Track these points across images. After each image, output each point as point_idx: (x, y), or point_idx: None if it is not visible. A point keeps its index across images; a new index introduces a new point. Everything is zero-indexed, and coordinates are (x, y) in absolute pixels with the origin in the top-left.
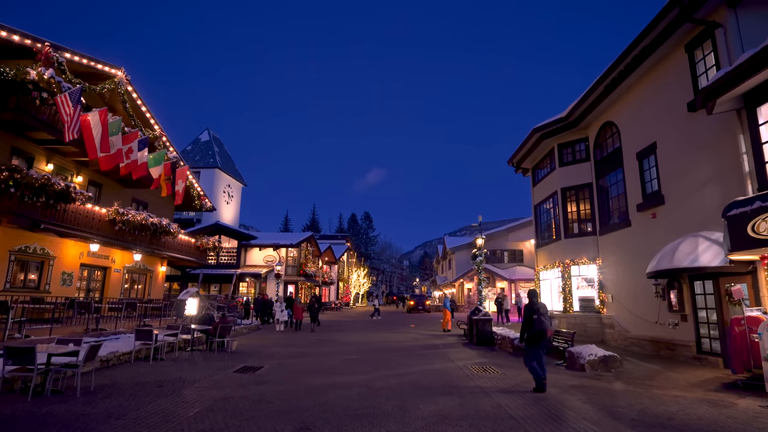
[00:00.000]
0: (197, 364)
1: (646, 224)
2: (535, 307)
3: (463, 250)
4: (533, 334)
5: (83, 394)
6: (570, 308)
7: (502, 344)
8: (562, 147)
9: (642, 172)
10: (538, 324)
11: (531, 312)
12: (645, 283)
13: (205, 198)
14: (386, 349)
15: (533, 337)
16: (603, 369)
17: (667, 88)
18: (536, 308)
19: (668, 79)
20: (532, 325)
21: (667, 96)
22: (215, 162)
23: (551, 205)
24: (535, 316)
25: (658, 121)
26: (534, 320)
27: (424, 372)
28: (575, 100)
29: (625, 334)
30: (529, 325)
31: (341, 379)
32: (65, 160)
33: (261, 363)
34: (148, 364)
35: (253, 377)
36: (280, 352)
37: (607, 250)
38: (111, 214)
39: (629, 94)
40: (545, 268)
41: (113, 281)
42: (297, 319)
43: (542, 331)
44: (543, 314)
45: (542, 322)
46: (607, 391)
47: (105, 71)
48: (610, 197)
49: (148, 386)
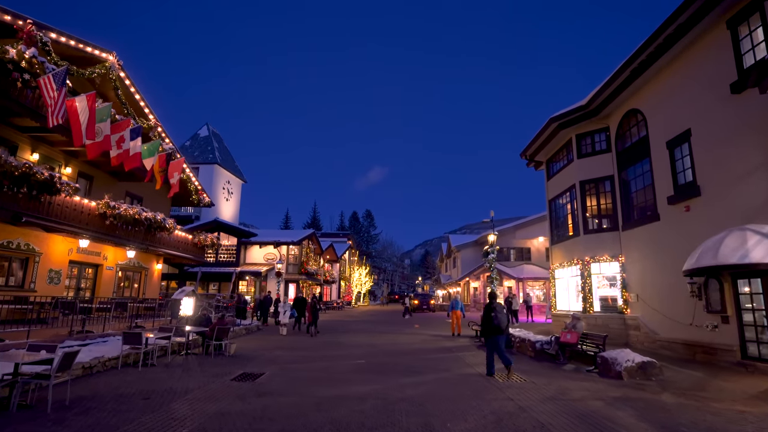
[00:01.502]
0: (191, 370)
1: (678, 218)
2: (492, 306)
3: (468, 248)
4: (491, 328)
5: (56, 409)
6: (590, 308)
7: (521, 347)
8: (580, 137)
9: (673, 161)
10: (495, 320)
11: (489, 311)
12: (677, 282)
13: (203, 193)
14: (396, 353)
15: (491, 330)
16: (642, 377)
17: (704, 70)
18: (494, 307)
19: (705, 60)
20: (491, 321)
21: (704, 78)
22: (214, 158)
23: (568, 200)
24: (492, 314)
25: (693, 106)
26: (492, 317)
27: (443, 380)
28: (596, 87)
29: (653, 336)
30: (488, 322)
31: (352, 389)
32: (53, 149)
33: (262, 369)
34: (136, 371)
35: (253, 387)
36: (282, 356)
37: (631, 247)
38: (101, 207)
39: (659, 78)
40: (561, 266)
41: (105, 280)
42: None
43: (499, 327)
44: (499, 312)
45: (499, 319)
46: (659, 404)
47: (95, 55)
48: (635, 190)
49: (133, 398)
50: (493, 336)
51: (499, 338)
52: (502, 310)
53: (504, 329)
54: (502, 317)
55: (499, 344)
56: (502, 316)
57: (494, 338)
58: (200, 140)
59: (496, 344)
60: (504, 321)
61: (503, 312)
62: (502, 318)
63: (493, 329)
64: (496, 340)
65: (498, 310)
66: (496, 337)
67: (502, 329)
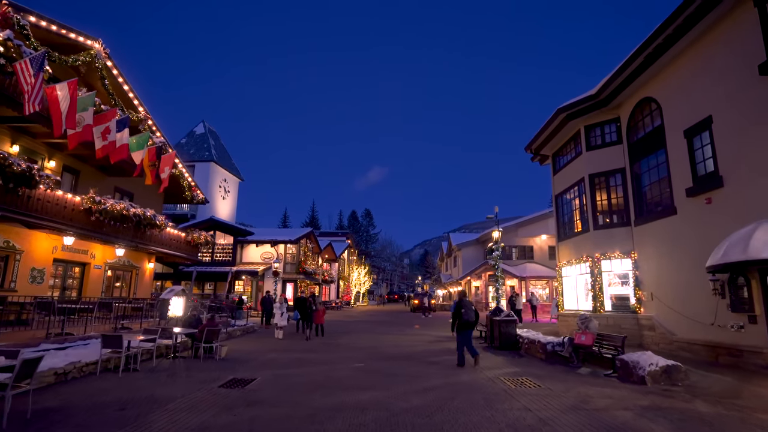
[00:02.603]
0: (177, 375)
1: (698, 211)
2: (462, 303)
3: (470, 247)
4: (462, 323)
5: (13, 424)
6: (601, 307)
7: (530, 349)
8: (589, 129)
9: (692, 151)
10: (465, 316)
11: (459, 308)
12: (696, 279)
13: (196, 189)
14: (398, 356)
15: (462, 325)
16: (667, 382)
17: (728, 52)
18: (463, 305)
19: (729, 41)
20: (461, 318)
21: (728, 60)
22: (211, 155)
23: (576, 194)
24: (462, 310)
25: (714, 92)
26: (462, 314)
27: (450, 386)
28: (607, 75)
29: (670, 337)
30: (458, 318)
31: (351, 398)
32: (34, 142)
33: (253, 374)
34: (116, 377)
35: (243, 395)
36: (276, 359)
37: (645, 242)
38: (86, 202)
39: (676, 63)
40: (569, 264)
41: (93, 279)
42: (318, 324)
43: (468, 322)
44: (468, 309)
45: (468, 315)
46: (696, 416)
47: (79, 42)
48: (648, 183)
49: (107, 410)
50: (463, 330)
51: (468, 332)
52: (470, 307)
53: (473, 324)
54: (471, 314)
55: (468, 337)
56: (471, 312)
57: (464, 332)
58: (196, 137)
59: (466, 337)
60: (472, 317)
61: (472, 309)
62: (471, 314)
63: (463, 324)
64: (466, 334)
65: (467, 307)
66: (466, 331)
67: (471, 324)
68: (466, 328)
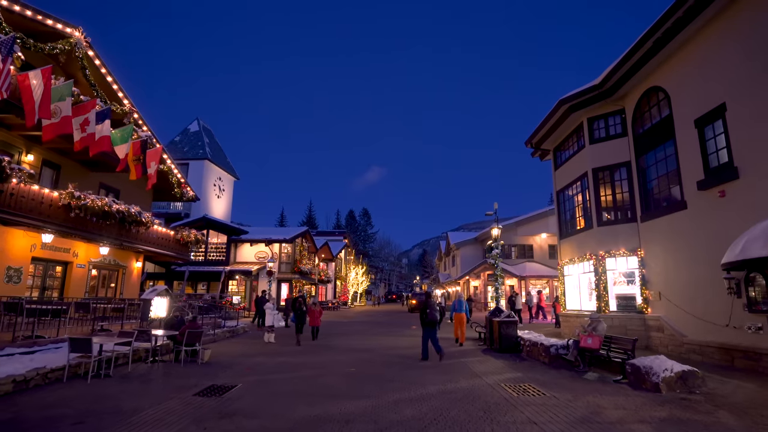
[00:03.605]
0: (152, 382)
1: (711, 205)
2: (428, 304)
3: (468, 246)
4: (427, 322)
5: None
6: (605, 307)
7: (532, 352)
8: (592, 121)
9: (703, 142)
10: (430, 315)
11: (425, 307)
12: (709, 276)
13: (186, 186)
14: (392, 360)
15: (427, 323)
16: (683, 389)
17: (744, 33)
18: (428, 305)
19: (745, 24)
20: (427, 316)
21: (744, 43)
22: (205, 153)
23: (579, 190)
24: (428, 310)
25: (728, 78)
26: (427, 313)
27: (447, 394)
28: (612, 64)
29: (680, 339)
30: (424, 315)
31: (337, 408)
32: (10, 134)
33: (235, 380)
34: (84, 384)
35: (218, 404)
36: (263, 363)
37: (652, 239)
38: (65, 197)
39: (685, 48)
40: (571, 262)
41: (76, 278)
42: (313, 326)
43: (433, 320)
44: (433, 309)
45: (433, 314)
46: (723, 430)
47: (58, 29)
48: (656, 177)
49: (61, 424)
50: (428, 327)
51: (433, 329)
52: (435, 307)
53: (437, 322)
54: (435, 313)
55: (433, 334)
56: (435, 312)
57: (429, 329)
58: (190, 135)
59: (432, 334)
60: (437, 316)
61: (436, 309)
62: (435, 314)
63: (429, 323)
64: (430, 330)
65: (431, 308)
66: (432, 328)
67: (435, 322)
68: (430, 326)
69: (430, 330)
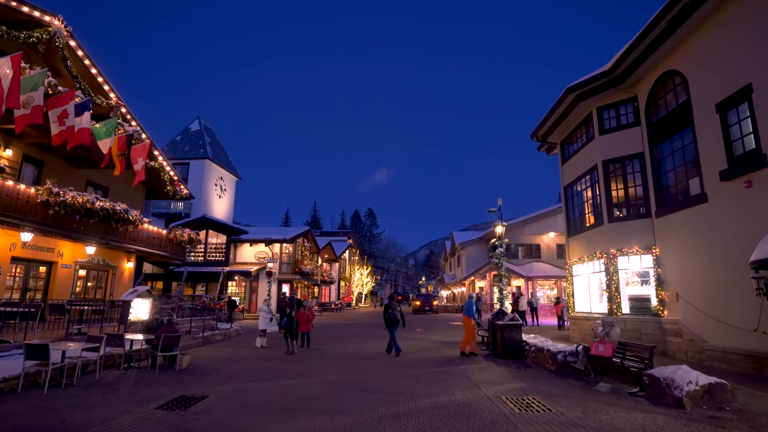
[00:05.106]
0: (116, 392)
1: (735, 197)
2: (390, 305)
3: (474, 245)
4: (389, 320)
5: None
6: (617, 310)
7: (537, 358)
8: (602, 110)
9: (726, 128)
10: (392, 315)
11: (387, 308)
12: (733, 276)
13: (179, 184)
14: (386, 366)
15: (389, 322)
16: (710, 405)
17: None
18: (391, 306)
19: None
20: (389, 316)
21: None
22: (206, 152)
23: (588, 184)
24: (390, 310)
25: (754, 56)
26: (390, 312)
27: (439, 409)
28: (622, 48)
29: (701, 344)
30: (386, 315)
31: (312, 425)
32: None
33: (209, 390)
34: (40, 395)
35: (180, 420)
36: (245, 370)
37: (668, 236)
38: (42, 194)
39: (704, 26)
40: (580, 261)
41: (61, 279)
42: (303, 332)
43: (395, 319)
44: (394, 309)
45: (395, 314)
46: None
47: (35, 17)
48: (672, 168)
49: None
50: (390, 326)
51: (396, 327)
52: (396, 307)
53: (399, 321)
54: (397, 313)
55: (393, 331)
56: (396, 312)
57: (391, 328)
58: (191, 135)
59: (392, 331)
60: (398, 316)
61: (397, 309)
62: (397, 314)
63: (391, 321)
64: (393, 329)
65: (393, 308)
66: (394, 327)
67: (397, 321)
68: (393, 324)
69: (392, 328)
